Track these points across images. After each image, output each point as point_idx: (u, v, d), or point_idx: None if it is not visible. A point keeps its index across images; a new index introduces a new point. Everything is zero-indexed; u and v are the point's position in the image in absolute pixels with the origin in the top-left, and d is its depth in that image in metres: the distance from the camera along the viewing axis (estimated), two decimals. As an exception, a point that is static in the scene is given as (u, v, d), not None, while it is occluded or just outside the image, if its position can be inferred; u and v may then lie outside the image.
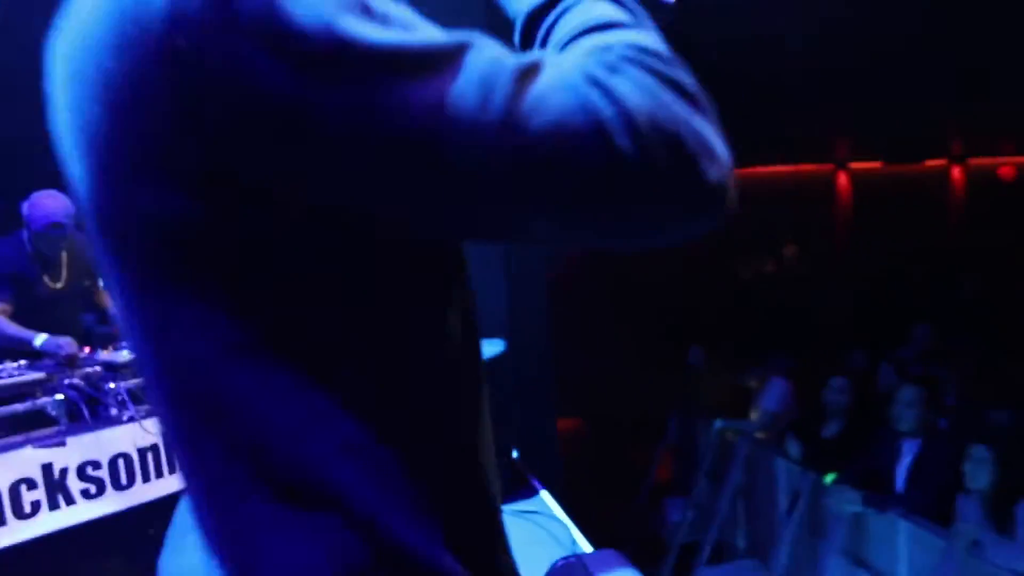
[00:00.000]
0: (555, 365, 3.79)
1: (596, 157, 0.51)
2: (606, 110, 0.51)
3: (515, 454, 2.66)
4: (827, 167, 15.64)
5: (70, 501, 2.74)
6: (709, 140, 0.54)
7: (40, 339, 3.19)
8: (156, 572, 0.72)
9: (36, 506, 2.66)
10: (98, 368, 3.05)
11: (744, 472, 5.27)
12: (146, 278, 0.58)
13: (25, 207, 3.31)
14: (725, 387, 5.80)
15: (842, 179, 15.87)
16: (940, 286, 8.52)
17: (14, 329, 3.25)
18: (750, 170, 13.86)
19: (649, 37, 0.59)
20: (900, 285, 8.43)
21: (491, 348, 2.33)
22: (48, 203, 3.27)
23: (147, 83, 0.51)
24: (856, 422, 4.35)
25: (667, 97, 0.54)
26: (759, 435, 5.18)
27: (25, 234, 3.37)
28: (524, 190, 0.53)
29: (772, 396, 5.21)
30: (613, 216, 0.54)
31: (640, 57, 0.55)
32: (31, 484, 2.65)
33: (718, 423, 5.46)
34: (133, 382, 3.03)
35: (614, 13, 0.61)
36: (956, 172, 16.72)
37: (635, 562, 1.78)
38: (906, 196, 14.83)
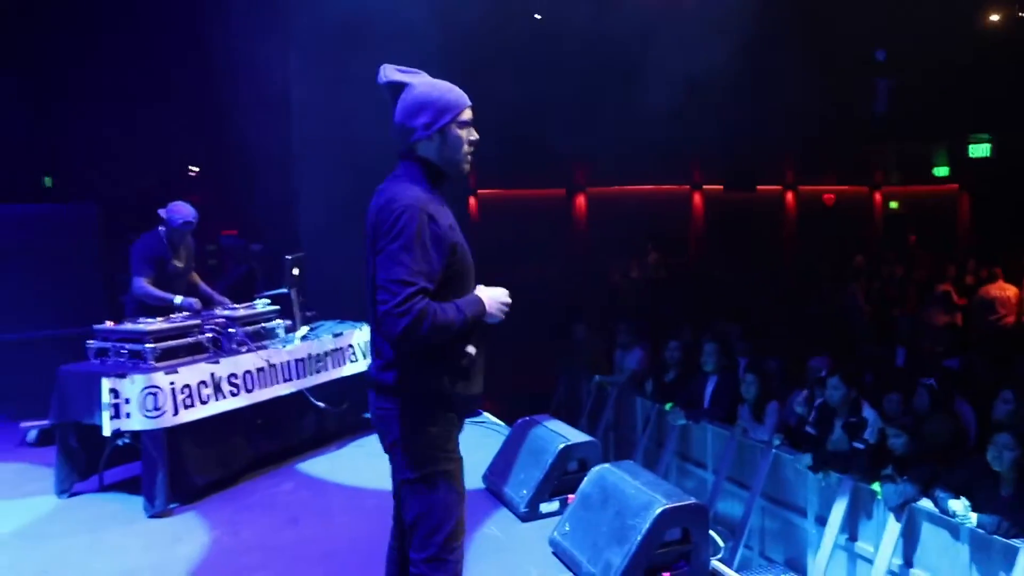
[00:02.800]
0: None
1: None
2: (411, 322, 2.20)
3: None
4: (684, 188, 18.22)
5: (223, 396, 4.55)
6: (438, 330, 2.23)
7: (178, 299, 4.98)
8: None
9: (208, 397, 4.46)
10: (224, 320, 4.84)
11: (614, 411, 7.51)
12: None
13: (164, 212, 5.06)
14: (599, 353, 8.00)
15: (696, 199, 18.53)
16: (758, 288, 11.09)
17: (160, 292, 5.01)
18: (620, 189, 16.27)
19: (450, 318, 2.26)
20: (730, 286, 10.96)
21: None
22: (182, 209, 5.04)
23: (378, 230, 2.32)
24: (685, 371, 6.65)
25: (432, 330, 2.21)
26: (624, 385, 7.41)
27: (162, 230, 5.11)
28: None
29: (633, 358, 7.46)
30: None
31: (435, 323, 2.22)
32: (205, 384, 4.46)
33: (596, 378, 7.66)
34: (247, 328, 4.85)
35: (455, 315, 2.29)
36: (789, 197, 19.80)
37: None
38: (748, 215, 17.49)
